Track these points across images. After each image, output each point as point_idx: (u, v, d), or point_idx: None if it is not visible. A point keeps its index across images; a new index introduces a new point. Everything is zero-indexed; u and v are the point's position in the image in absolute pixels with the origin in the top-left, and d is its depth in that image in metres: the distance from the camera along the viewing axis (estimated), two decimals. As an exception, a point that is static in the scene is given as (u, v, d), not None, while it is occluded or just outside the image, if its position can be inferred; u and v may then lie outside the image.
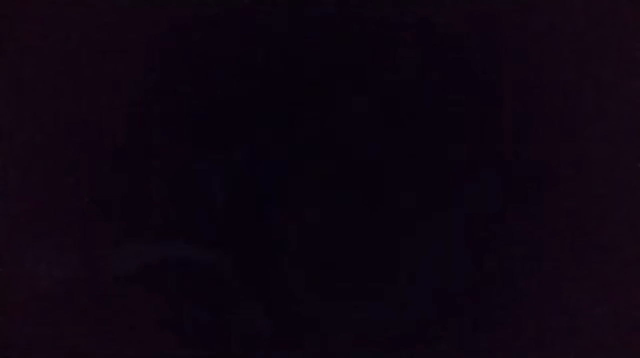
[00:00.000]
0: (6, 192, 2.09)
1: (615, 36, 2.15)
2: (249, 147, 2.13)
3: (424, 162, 2.13)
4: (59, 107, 2.13)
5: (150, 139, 2.13)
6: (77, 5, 2.15)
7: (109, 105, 2.13)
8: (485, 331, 2.06)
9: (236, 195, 2.13)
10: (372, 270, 2.10)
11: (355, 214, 2.12)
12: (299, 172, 2.13)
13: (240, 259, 2.10)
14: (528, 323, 2.06)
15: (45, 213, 2.09)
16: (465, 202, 2.11)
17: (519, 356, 2.06)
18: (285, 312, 2.08)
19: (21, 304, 2.06)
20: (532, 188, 2.11)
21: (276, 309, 2.08)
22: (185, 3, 2.15)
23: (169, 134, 2.13)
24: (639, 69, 2.14)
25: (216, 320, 2.07)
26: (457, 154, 2.12)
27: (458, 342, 2.06)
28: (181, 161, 2.12)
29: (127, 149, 2.11)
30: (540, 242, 2.09)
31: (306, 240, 2.11)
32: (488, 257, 2.09)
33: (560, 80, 2.15)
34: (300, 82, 2.16)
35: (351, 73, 2.16)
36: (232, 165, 2.13)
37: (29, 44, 2.15)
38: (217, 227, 2.11)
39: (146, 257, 2.07)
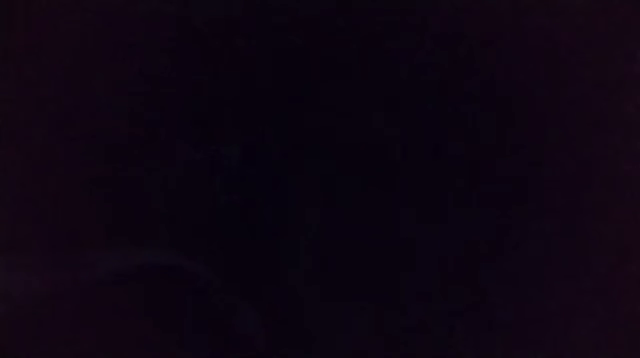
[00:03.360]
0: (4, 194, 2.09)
1: (615, 36, 2.15)
2: (246, 146, 2.13)
3: (426, 162, 2.13)
4: (58, 108, 2.13)
5: (150, 139, 2.13)
6: (77, 6, 2.15)
7: (104, 106, 2.13)
8: (486, 331, 2.06)
9: (234, 196, 2.13)
10: (373, 272, 2.10)
11: (356, 215, 2.12)
12: (299, 173, 2.13)
13: (238, 263, 2.10)
14: (528, 323, 2.06)
15: (38, 215, 2.09)
16: (467, 203, 2.11)
17: (519, 355, 2.06)
18: (286, 317, 2.08)
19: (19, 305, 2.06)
20: (533, 188, 2.11)
21: (275, 314, 2.08)
22: (188, 2, 2.16)
23: (167, 133, 2.13)
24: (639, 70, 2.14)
25: (213, 326, 2.07)
26: (459, 153, 2.13)
27: (459, 341, 2.06)
28: (179, 161, 2.13)
29: (124, 149, 2.12)
30: (540, 242, 2.09)
31: (307, 243, 2.11)
32: (489, 257, 2.09)
33: (561, 81, 2.15)
34: (303, 80, 2.16)
35: (352, 71, 2.16)
36: (229, 166, 2.13)
37: (30, 44, 2.15)
38: (215, 231, 2.11)
39: (141, 261, 2.07)
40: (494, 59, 2.16)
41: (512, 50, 2.16)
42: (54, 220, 2.08)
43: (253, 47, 2.16)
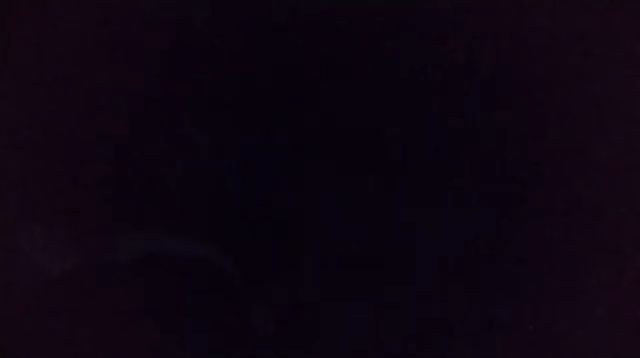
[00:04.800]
0: (6, 183, 2.10)
1: (616, 37, 2.15)
2: (246, 146, 2.14)
3: (427, 162, 2.13)
4: (61, 104, 2.14)
5: (156, 131, 2.13)
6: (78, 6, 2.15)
7: (110, 100, 2.14)
8: (487, 332, 2.06)
9: (240, 190, 2.13)
10: (374, 272, 2.10)
11: (356, 215, 2.12)
12: (298, 173, 2.13)
13: (244, 256, 2.10)
14: (528, 323, 2.07)
15: (46, 205, 2.10)
16: (467, 203, 2.11)
17: (520, 355, 2.06)
18: (290, 310, 2.08)
19: (20, 301, 2.06)
20: (533, 188, 2.11)
21: (280, 307, 2.08)
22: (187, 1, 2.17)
23: (174, 125, 2.14)
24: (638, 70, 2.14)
25: (218, 317, 2.07)
26: (459, 153, 2.13)
27: (459, 341, 2.06)
28: (188, 154, 2.13)
29: (133, 140, 2.12)
30: (541, 242, 2.09)
31: (306, 242, 2.11)
32: (489, 257, 2.09)
33: (562, 81, 2.15)
34: (303, 79, 2.16)
35: (352, 71, 2.17)
36: (229, 166, 2.14)
37: (30, 44, 2.16)
38: (220, 222, 2.11)
39: (146, 249, 2.07)
40: (494, 59, 2.16)
41: (512, 50, 2.16)
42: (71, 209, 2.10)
43: (253, 47, 2.16)
